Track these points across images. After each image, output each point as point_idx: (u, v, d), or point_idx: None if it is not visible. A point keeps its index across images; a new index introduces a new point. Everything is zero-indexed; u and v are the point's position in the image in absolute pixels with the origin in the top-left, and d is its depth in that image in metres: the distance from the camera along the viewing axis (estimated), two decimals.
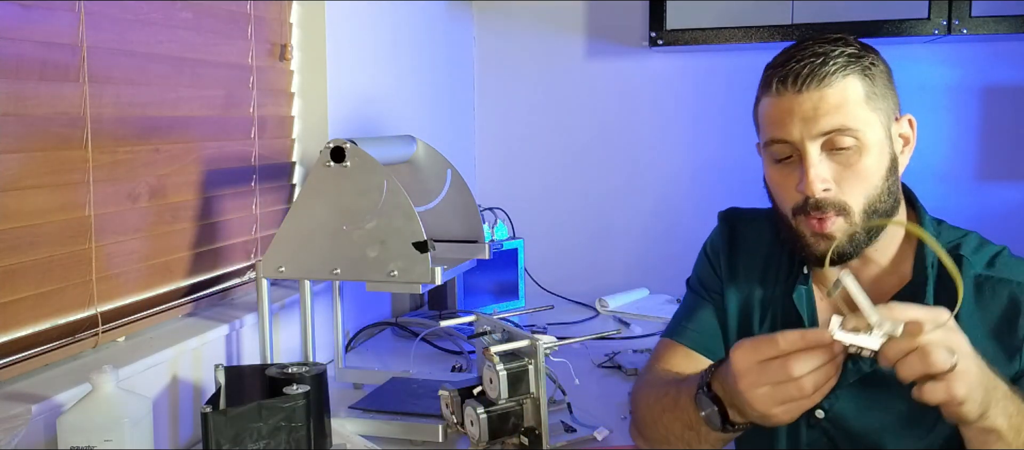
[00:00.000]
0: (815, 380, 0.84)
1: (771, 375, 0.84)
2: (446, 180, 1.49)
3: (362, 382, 1.56)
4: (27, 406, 1.00)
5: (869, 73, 0.97)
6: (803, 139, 0.96)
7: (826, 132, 0.95)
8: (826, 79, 0.95)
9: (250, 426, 1.02)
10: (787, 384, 0.84)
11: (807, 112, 0.95)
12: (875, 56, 1.00)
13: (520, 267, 2.23)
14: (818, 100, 0.95)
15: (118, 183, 1.24)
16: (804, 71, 0.95)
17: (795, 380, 0.83)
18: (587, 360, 1.73)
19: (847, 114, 0.95)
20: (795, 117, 0.96)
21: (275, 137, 1.66)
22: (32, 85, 1.09)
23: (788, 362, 0.83)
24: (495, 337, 1.20)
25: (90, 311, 1.20)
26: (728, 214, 1.23)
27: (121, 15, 1.24)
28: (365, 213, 1.26)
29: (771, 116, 0.99)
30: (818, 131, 0.95)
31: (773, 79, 0.98)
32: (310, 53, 1.74)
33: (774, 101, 0.98)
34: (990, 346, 0.97)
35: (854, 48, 0.98)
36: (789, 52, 0.99)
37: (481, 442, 1.12)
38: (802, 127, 0.95)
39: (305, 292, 1.35)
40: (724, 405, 0.94)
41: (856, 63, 0.96)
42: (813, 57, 0.96)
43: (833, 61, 0.95)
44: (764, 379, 0.84)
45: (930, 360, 0.79)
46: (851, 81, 0.96)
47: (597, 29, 2.50)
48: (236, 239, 1.55)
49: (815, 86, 0.95)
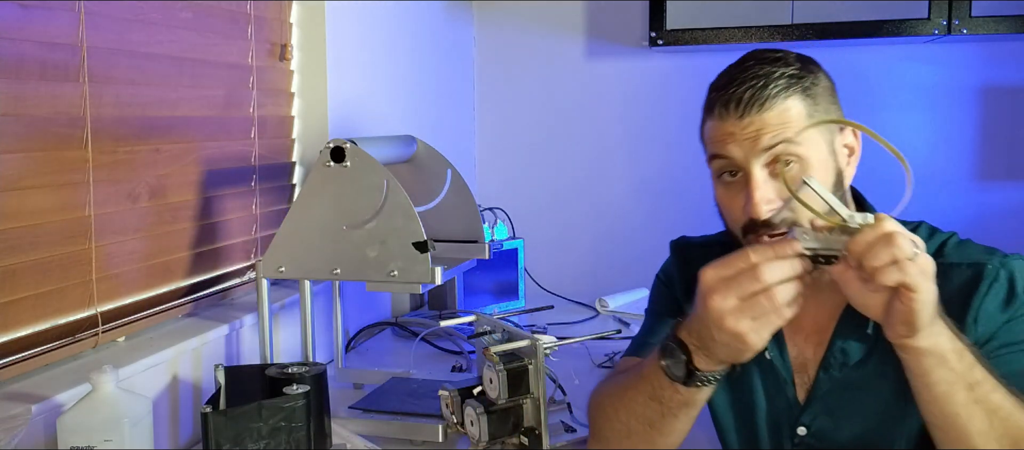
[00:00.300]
0: (786, 292, 0.84)
1: (742, 287, 0.84)
2: (446, 180, 1.49)
3: (362, 382, 1.56)
4: (27, 406, 1.00)
5: (810, 92, 0.97)
6: (747, 161, 0.97)
7: (768, 152, 0.96)
8: (767, 103, 0.95)
9: (250, 426, 1.02)
10: (758, 296, 0.84)
11: (749, 135, 0.96)
12: (817, 73, 1.00)
13: (520, 267, 2.23)
14: (760, 124, 0.95)
15: (118, 183, 1.24)
16: (745, 95, 0.95)
17: (766, 291, 0.83)
18: (587, 360, 1.73)
19: (788, 134, 0.95)
20: (738, 140, 0.96)
21: (275, 137, 1.66)
22: (32, 85, 1.09)
23: (758, 269, 0.83)
24: (495, 337, 1.20)
25: (90, 311, 1.20)
26: (679, 243, 1.24)
27: (121, 15, 1.24)
28: (365, 213, 1.26)
29: (715, 138, 1.00)
30: (760, 150, 0.96)
31: (716, 103, 0.99)
32: (310, 53, 1.74)
33: (717, 124, 0.99)
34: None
35: (795, 68, 0.98)
36: (731, 73, 0.99)
37: (481, 442, 1.12)
38: (745, 150, 0.96)
39: (305, 292, 1.35)
40: (691, 354, 0.93)
41: (797, 83, 0.96)
42: (754, 80, 0.95)
43: (773, 83, 0.95)
44: (734, 291, 0.84)
45: (896, 244, 0.81)
46: (792, 102, 0.95)
47: (597, 29, 2.50)
48: (236, 239, 1.55)
49: (756, 110, 0.95)
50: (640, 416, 1.02)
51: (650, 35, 2.22)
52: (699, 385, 0.94)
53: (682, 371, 0.94)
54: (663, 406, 0.98)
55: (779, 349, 1.09)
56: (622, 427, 1.05)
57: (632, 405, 1.03)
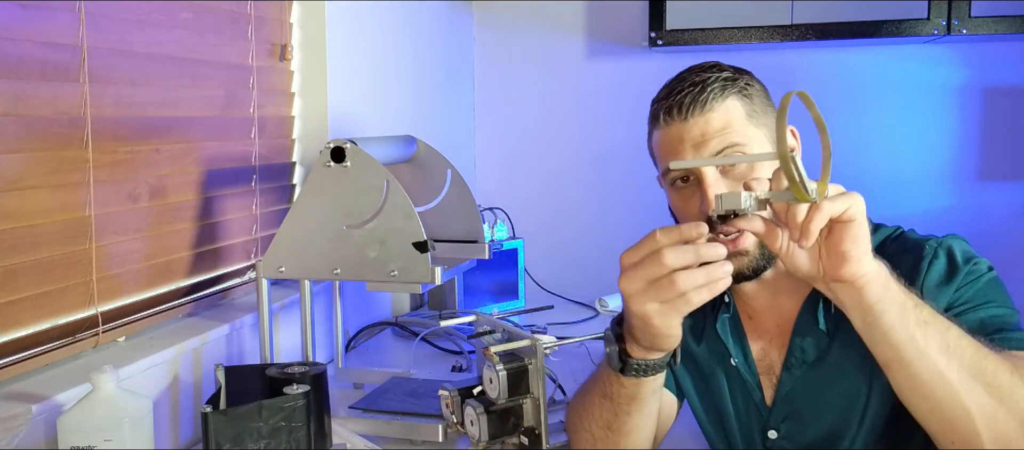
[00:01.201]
0: (690, 279, 0.83)
1: (647, 270, 0.85)
2: (446, 180, 1.49)
3: (362, 382, 1.56)
4: (27, 406, 1.00)
5: (746, 92, 1.03)
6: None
7: (716, 153, 1.00)
8: (708, 104, 1.00)
9: (250, 426, 1.02)
10: (661, 281, 0.84)
11: (696, 137, 1.00)
12: (749, 77, 1.05)
13: (520, 267, 2.23)
14: (704, 125, 1.00)
15: (118, 183, 1.24)
16: (686, 100, 1.01)
17: (668, 275, 0.84)
18: (587, 360, 1.73)
19: (733, 133, 1.00)
20: (685, 144, 1.01)
21: (275, 137, 1.66)
22: (32, 85, 1.09)
23: (662, 254, 0.84)
24: (495, 337, 1.20)
25: (90, 311, 1.20)
26: None
27: (121, 15, 1.24)
28: (365, 213, 1.26)
29: (664, 146, 1.04)
30: (709, 153, 1.00)
31: (660, 112, 1.04)
32: (310, 53, 1.74)
33: (664, 132, 1.04)
34: None
35: (728, 72, 1.03)
36: (670, 85, 1.05)
37: (481, 442, 1.12)
38: (693, 152, 1.00)
39: (305, 292, 1.35)
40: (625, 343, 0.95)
41: (732, 85, 1.02)
42: (692, 86, 1.01)
43: (711, 87, 1.01)
44: (640, 274, 0.85)
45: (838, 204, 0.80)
46: (731, 102, 1.01)
47: (597, 29, 2.50)
48: (236, 239, 1.55)
49: (699, 112, 1.00)
50: (598, 419, 1.04)
51: (650, 35, 2.22)
52: (635, 375, 0.96)
53: (618, 360, 0.96)
54: (614, 403, 1.01)
55: (743, 354, 1.10)
56: (587, 435, 1.07)
57: (591, 408, 1.06)
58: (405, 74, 2.14)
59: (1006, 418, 0.86)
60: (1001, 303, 0.99)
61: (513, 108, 2.59)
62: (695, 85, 1.01)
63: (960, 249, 1.01)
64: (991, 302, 0.98)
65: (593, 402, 1.05)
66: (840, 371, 1.04)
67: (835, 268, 0.85)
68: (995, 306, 0.98)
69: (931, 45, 2.27)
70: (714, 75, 1.02)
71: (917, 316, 0.87)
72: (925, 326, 0.86)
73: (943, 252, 1.01)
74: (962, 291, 0.99)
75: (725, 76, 1.02)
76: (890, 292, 0.86)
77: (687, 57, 2.36)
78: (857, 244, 0.83)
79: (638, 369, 0.95)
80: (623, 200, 2.51)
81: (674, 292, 0.84)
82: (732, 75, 1.03)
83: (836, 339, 1.03)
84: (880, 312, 0.86)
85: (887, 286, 0.86)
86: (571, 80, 2.53)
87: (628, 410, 1.00)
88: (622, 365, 0.96)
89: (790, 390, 1.07)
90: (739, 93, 1.02)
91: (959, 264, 1.00)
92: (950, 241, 1.03)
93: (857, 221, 0.82)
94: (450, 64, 2.44)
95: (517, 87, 2.57)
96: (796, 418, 1.08)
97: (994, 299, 0.99)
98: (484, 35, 2.58)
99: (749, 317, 1.11)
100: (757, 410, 1.10)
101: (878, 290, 0.86)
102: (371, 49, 1.95)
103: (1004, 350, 0.91)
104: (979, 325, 0.95)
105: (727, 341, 1.11)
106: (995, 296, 0.99)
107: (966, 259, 1.00)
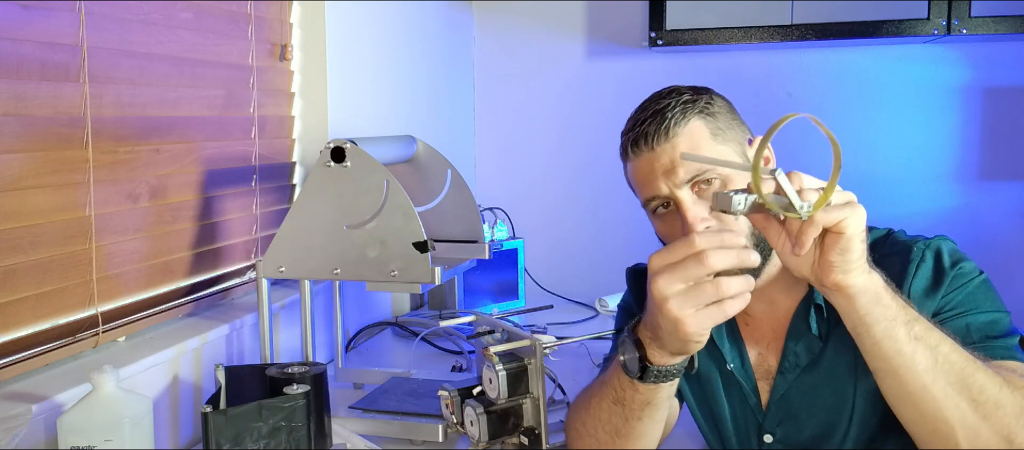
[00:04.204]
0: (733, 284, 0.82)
1: (687, 271, 0.83)
2: (446, 180, 1.49)
3: (362, 382, 1.56)
4: (27, 406, 1.00)
5: (708, 111, 1.03)
6: (672, 190, 1.01)
7: (689, 178, 1.00)
8: (671, 130, 1.01)
9: (250, 426, 1.02)
10: (704, 283, 0.82)
11: (665, 165, 1.01)
12: (710, 95, 1.06)
13: (520, 267, 2.23)
14: (671, 151, 1.01)
15: (118, 183, 1.24)
16: (650, 129, 1.02)
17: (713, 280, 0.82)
18: (587, 360, 1.73)
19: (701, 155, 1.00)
20: (657, 172, 1.02)
21: (275, 137, 1.66)
22: (32, 85, 1.09)
23: (704, 255, 0.82)
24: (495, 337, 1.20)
25: (90, 311, 1.20)
26: (634, 270, 1.29)
27: (121, 15, 1.24)
28: (365, 213, 1.26)
29: (638, 177, 1.06)
30: (682, 180, 1.00)
31: (627, 145, 1.06)
32: (310, 53, 1.74)
33: (635, 164, 1.05)
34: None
35: (688, 95, 1.04)
36: (634, 116, 1.07)
37: (481, 442, 1.12)
38: (666, 179, 1.01)
39: (305, 292, 1.35)
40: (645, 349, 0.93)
41: (693, 107, 1.03)
42: (653, 116, 1.03)
43: (671, 113, 1.02)
44: (680, 276, 0.83)
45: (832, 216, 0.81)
46: (694, 124, 1.02)
47: (597, 29, 2.50)
48: (236, 239, 1.55)
49: (664, 139, 1.01)
50: (606, 425, 1.03)
51: (650, 35, 2.22)
52: (655, 381, 0.94)
53: (637, 366, 0.94)
54: (626, 409, 0.99)
55: (740, 359, 1.11)
56: (592, 440, 1.06)
57: (598, 413, 1.04)
58: (405, 74, 2.14)
59: (988, 433, 0.86)
60: (988, 308, 0.99)
61: (513, 108, 2.58)
62: (656, 113, 1.02)
63: (948, 251, 1.01)
64: (976, 308, 0.99)
65: (601, 408, 1.04)
66: (831, 373, 1.04)
67: (823, 273, 0.86)
68: (980, 312, 0.98)
69: (931, 45, 2.27)
70: (673, 100, 1.03)
71: (908, 332, 0.87)
72: (915, 342, 0.87)
73: (931, 255, 1.01)
74: (950, 297, 0.99)
75: (685, 99, 1.03)
76: (880, 306, 0.86)
77: (687, 57, 2.39)
78: (844, 256, 0.83)
79: (658, 375, 0.94)
80: (623, 200, 2.49)
81: (715, 294, 0.82)
82: (691, 97, 1.04)
83: (829, 343, 1.04)
84: (869, 324, 0.87)
85: (877, 300, 0.86)
86: (571, 80, 2.53)
87: (640, 416, 0.99)
88: (641, 371, 0.94)
89: (784, 394, 1.07)
90: (700, 113, 1.02)
91: (946, 268, 1.00)
92: (938, 242, 1.03)
93: (846, 235, 0.82)
94: (450, 64, 2.44)
95: (517, 87, 2.57)
96: (791, 421, 1.08)
97: (980, 305, 0.99)
98: (484, 35, 2.58)
99: (745, 323, 1.12)
100: (752, 414, 1.11)
101: (866, 303, 0.86)
102: (371, 49, 1.95)
103: (989, 360, 0.91)
104: (965, 331, 0.96)
105: (723, 346, 1.11)
106: (982, 302, 0.99)
107: (953, 262, 1.00)
